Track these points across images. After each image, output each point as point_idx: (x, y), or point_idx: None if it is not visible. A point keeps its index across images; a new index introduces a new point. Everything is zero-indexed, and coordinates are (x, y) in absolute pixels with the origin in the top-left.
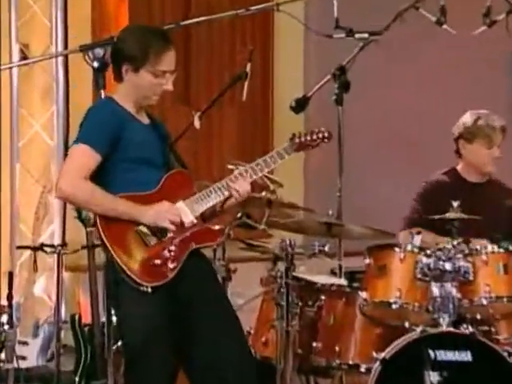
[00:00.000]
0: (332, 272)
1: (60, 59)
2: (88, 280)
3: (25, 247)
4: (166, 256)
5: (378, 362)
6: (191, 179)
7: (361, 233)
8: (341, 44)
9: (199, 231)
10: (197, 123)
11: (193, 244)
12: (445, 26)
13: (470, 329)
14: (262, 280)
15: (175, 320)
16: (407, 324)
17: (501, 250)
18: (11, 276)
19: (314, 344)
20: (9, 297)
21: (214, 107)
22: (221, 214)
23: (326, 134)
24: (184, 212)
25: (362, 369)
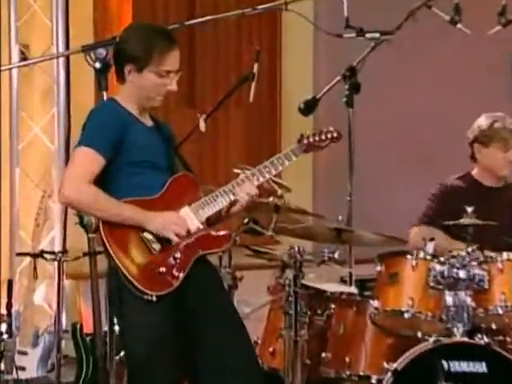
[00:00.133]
0: (342, 280)
1: (61, 60)
2: (90, 288)
3: (24, 254)
4: (172, 263)
5: (390, 374)
6: (196, 183)
7: (372, 239)
8: (351, 44)
9: (205, 237)
10: (202, 126)
11: (199, 251)
12: (459, 26)
13: (485, 339)
14: (270, 288)
15: (180, 328)
16: (420, 334)
17: None
18: (10, 284)
19: (323, 354)
20: (8, 305)
21: (220, 109)
22: (227, 219)
23: (335, 134)
24: (190, 219)
25: (373, 380)
